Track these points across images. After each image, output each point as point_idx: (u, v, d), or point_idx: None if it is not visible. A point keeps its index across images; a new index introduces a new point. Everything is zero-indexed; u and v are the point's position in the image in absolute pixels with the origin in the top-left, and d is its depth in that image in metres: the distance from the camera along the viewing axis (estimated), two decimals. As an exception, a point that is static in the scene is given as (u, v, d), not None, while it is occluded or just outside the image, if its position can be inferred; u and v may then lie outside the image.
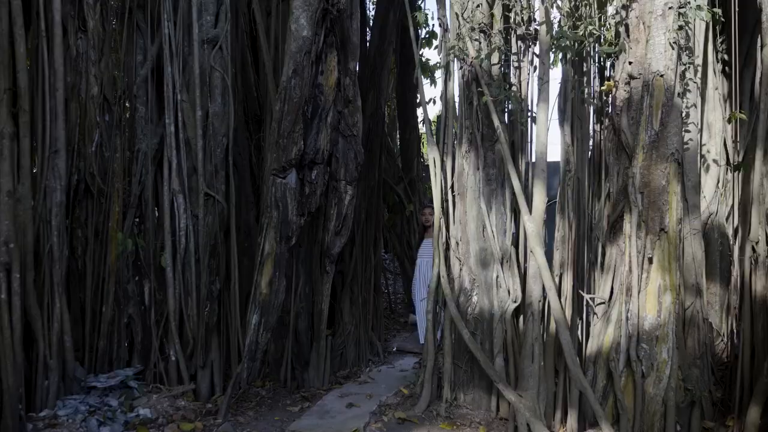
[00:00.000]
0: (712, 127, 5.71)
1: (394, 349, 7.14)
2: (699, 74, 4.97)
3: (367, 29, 7.20)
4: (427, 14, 5.98)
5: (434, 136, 5.26)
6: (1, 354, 3.31)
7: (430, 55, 30.95)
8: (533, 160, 4.69)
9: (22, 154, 4.02)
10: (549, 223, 4.79)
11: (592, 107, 4.88)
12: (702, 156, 5.58)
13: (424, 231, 6.97)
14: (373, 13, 7.60)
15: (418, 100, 9.01)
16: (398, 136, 9.93)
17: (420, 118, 9.39)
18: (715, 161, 5.67)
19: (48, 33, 4.36)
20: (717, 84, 5.75)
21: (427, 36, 7.83)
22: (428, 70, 7.13)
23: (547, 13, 4.43)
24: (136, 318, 5.24)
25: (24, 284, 3.94)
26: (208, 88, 5.20)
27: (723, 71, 5.84)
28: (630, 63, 4.42)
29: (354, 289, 6.16)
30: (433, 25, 7.74)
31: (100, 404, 4.51)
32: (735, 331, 5.13)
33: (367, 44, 6.86)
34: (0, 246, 3.57)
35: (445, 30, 5.03)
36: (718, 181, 5.71)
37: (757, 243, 4.26)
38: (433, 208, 5.41)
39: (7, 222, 3.70)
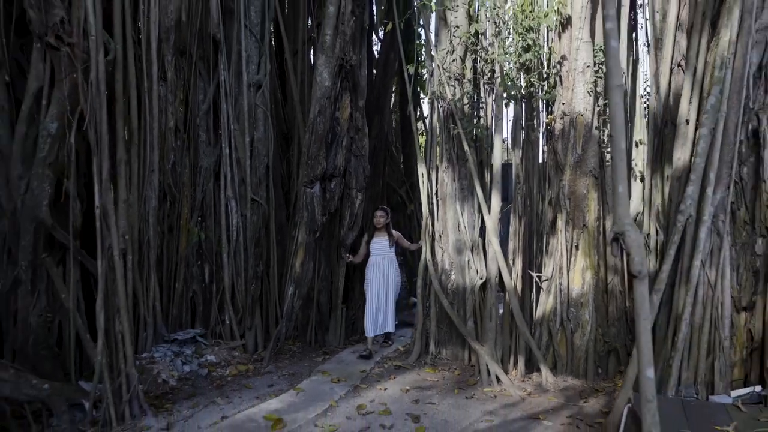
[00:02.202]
0: (639, 146, 7.34)
1: (396, 322, 8.84)
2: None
3: (374, 68, 8.90)
4: (420, 60, 7.62)
5: (423, 155, 6.94)
6: (122, 312, 5.00)
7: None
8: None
9: (132, 173, 5.76)
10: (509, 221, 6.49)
11: (540, 134, 6.56)
12: (631, 168, 7.22)
13: (374, 231, 7.29)
14: (379, 47, 9.30)
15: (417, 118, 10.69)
16: (401, 146, 11.61)
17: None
18: (641, 173, 7.30)
19: (149, 90, 6.10)
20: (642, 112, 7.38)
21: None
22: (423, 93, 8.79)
23: (501, 69, 6.11)
24: (199, 292, 6.99)
25: (133, 265, 5.66)
26: (253, 119, 6.94)
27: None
28: (563, 104, 6.10)
29: (363, 273, 7.87)
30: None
31: (179, 351, 6.25)
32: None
33: (374, 77, 8.57)
34: (120, 237, 5.28)
35: (431, 76, 6.72)
36: (644, 189, 7.34)
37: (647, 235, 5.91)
38: (384, 212, 7.17)
39: (123, 221, 5.41)
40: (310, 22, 8.44)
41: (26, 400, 4.45)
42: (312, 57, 8.34)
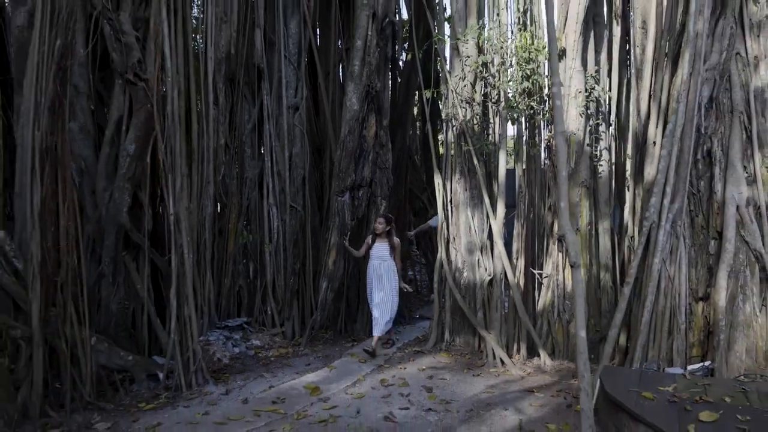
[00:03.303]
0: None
1: (417, 316, 9.85)
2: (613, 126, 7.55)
3: (397, 89, 9.93)
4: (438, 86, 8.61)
5: (438, 168, 7.92)
6: (189, 300, 6.07)
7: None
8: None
9: (193, 185, 6.88)
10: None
11: (541, 150, 7.49)
12: (626, 179, 8.09)
13: (376, 236, 7.59)
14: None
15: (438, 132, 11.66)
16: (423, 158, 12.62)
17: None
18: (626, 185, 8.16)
19: (206, 114, 7.22)
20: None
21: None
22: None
23: (505, 94, 7.07)
24: (245, 286, 8.09)
25: (192, 262, 6.76)
26: (291, 137, 8.02)
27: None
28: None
29: (387, 271, 8.89)
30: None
31: (229, 336, 7.34)
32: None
33: (397, 97, 9.60)
34: (184, 239, 6.37)
35: (445, 99, 7.71)
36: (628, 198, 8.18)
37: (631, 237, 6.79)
38: (384, 220, 7.53)
39: (186, 225, 6.51)
40: (340, 44, 9.52)
41: (116, 369, 5.57)
42: (341, 77, 9.42)
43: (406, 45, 10.02)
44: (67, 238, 4.90)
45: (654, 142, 5.51)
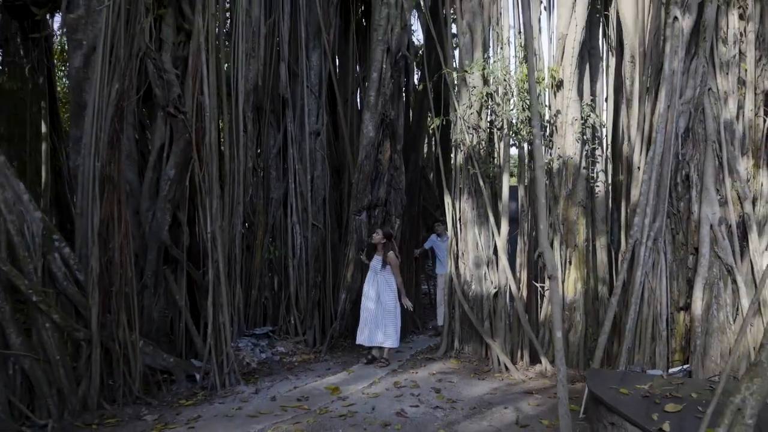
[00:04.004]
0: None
1: (430, 327, 10.48)
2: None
3: (410, 114, 10.66)
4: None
5: (448, 188, 8.57)
6: (224, 308, 6.77)
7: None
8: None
9: (225, 205, 7.62)
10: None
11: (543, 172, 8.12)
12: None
13: (374, 249, 7.84)
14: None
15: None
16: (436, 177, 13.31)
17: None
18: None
19: (237, 140, 7.99)
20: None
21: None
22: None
23: (509, 122, 7.74)
24: (270, 298, 8.80)
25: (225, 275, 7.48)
26: (313, 160, 8.76)
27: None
28: (558, 149, 7.67)
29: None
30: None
31: (257, 343, 8.04)
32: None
33: (410, 122, 10.32)
34: (220, 255, 7.10)
35: (454, 125, 8.38)
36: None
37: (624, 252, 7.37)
38: (380, 232, 7.71)
39: (220, 242, 7.24)
40: (357, 73, 10.29)
41: (159, 369, 6.29)
42: (359, 103, 10.17)
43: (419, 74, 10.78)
44: (121, 254, 5.64)
45: (638, 167, 6.14)
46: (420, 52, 10.53)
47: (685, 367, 5.57)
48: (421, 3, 9.36)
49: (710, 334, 5.50)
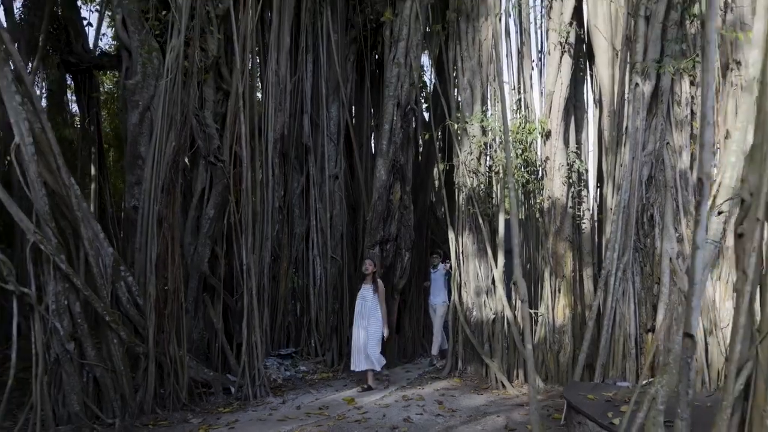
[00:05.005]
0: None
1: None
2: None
3: (419, 157, 11.80)
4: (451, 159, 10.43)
5: (452, 225, 9.62)
6: (257, 330, 7.82)
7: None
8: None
9: (256, 240, 8.73)
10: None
11: (537, 211, 9.17)
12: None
13: (363, 278, 8.28)
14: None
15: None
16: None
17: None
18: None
19: (267, 183, 9.14)
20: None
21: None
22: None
23: (504, 168, 8.82)
24: (293, 322, 9.85)
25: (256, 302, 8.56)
26: (332, 200, 9.89)
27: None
28: (547, 190, 8.72)
29: (411, 310, 10.58)
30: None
31: (281, 362, 9.06)
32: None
33: (419, 164, 11.45)
34: (253, 284, 8.17)
35: (457, 169, 9.48)
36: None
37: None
38: (371, 261, 8.38)
39: (255, 272, 8.32)
40: (371, 119, 11.50)
41: (201, 381, 7.33)
42: (373, 148, 11.34)
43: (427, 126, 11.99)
44: (174, 283, 6.76)
45: (611, 209, 7.17)
46: (427, 106, 11.78)
47: (651, 380, 6.49)
48: (428, 62, 10.58)
49: (671, 352, 6.43)
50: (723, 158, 4.11)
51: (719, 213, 3.45)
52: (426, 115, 12.39)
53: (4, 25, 5.24)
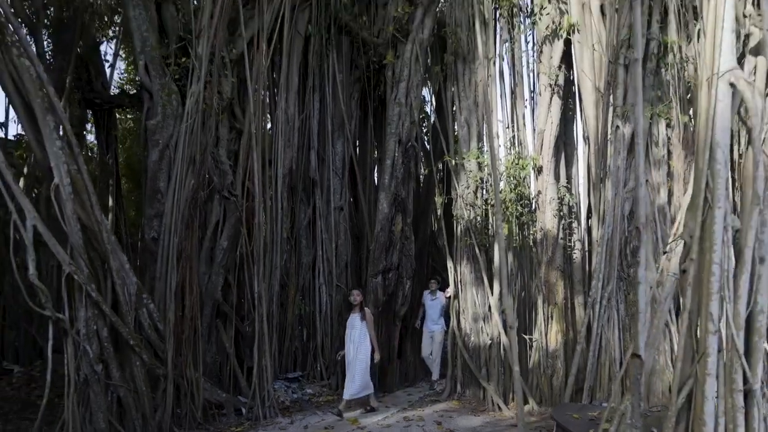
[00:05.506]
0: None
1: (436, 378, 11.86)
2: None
3: (420, 189, 12.41)
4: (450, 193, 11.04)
5: (451, 255, 10.15)
6: (266, 354, 8.32)
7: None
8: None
9: (266, 269, 9.28)
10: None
11: (531, 241, 9.71)
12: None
13: (351, 308, 8.50)
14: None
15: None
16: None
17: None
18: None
19: (277, 215, 9.73)
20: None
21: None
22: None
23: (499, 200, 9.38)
24: (300, 347, 10.34)
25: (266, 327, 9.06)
26: (337, 231, 10.46)
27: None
28: (540, 222, 9.27)
29: (412, 336, 11.05)
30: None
31: (289, 385, 9.54)
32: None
33: (420, 197, 12.04)
34: (264, 311, 8.70)
35: (455, 202, 10.05)
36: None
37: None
38: (358, 291, 8.72)
39: (265, 300, 8.85)
40: (375, 153, 12.13)
41: (214, 402, 7.83)
42: (376, 180, 11.94)
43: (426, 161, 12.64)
44: (191, 310, 7.30)
45: (597, 241, 7.72)
46: (427, 141, 12.44)
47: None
48: (428, 101, 11.24)
49: (653, 374, 6.92)
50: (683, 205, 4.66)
51: (664, 252, 3.99)
52: (427, 144, 13.08)
53: (46, 77, 5.87)
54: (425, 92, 13.13)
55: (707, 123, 3.01)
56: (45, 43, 10.63)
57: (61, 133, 6.11)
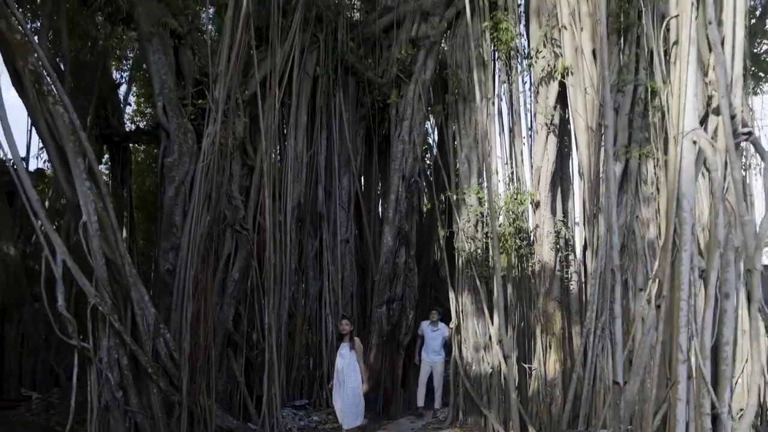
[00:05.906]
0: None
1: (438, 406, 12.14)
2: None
3: (422, 222, 12.86)
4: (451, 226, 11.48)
5: (452, 286, 10.53)
6: (276, 382, 8.65)
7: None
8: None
9: (275, 304, 9.66)
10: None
11: (530, 273, 10.09)
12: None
13: (341, 338, 8.38)
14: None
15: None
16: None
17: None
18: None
19: (285, 248, 10.17)
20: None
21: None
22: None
23: (498, 235, 9.81)
24: (306, 376, 10.67)
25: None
26: (343, 263, 10.87)
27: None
28: (537, 255, 9.66)
29: (416, 365, 11.36)
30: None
31: (296, 413, 9.85)
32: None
33: (423, 229, 12.47)
34: (274, 341, 9.06)
35: (456, 235, 10.47)
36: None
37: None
38: (348, 321, 8.37)
39: (274, 330, 9.21)
40: (379, 187, 12.60)
41: (225, 429, 8.15)
42: (380, 213, 12.40)
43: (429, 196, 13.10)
44: (205, 340, 7.69)
45: (591, 273, 8.11)
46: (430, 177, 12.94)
47: (629, 427, 7.29)
48: (430, 139, 11.75)
49: (645, 402, 7.24)
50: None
51: (640, 290, 4.39)
52: (429, 177, 13.57)
53: (78, 123, 6.36)
54: (428, 126, 13.67)
55: (675, 176, 3.40)
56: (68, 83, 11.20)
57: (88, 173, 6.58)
